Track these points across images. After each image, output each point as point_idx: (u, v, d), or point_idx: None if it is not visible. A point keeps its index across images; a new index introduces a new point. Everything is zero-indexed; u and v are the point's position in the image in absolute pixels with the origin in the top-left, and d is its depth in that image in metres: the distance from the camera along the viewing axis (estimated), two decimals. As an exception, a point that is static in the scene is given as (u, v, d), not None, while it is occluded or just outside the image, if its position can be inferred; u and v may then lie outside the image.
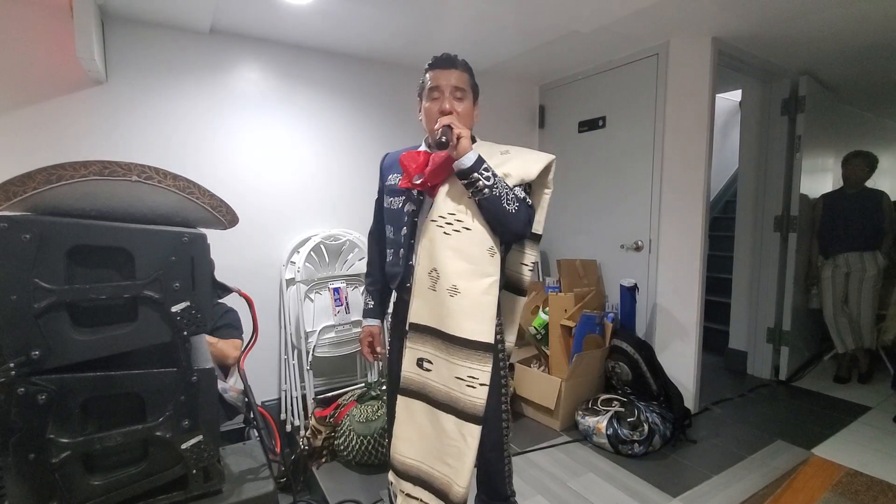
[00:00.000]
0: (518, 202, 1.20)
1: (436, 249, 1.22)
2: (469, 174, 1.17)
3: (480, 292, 1.21)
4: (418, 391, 1.28)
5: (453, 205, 1.24)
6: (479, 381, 1.19)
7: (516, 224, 1.20)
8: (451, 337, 1.21)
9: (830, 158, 3.64)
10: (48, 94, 1.98)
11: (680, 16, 2.30)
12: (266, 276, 2.51)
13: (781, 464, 2.19)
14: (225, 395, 1.54)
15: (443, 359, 1.24)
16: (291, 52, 2.52)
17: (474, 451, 1.20)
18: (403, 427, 1.31)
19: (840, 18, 2.31)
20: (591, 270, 2.99)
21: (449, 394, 1.23)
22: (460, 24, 2.33)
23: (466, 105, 1.31)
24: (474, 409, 1.19)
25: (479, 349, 1.19)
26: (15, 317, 0.80)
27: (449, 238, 1.22)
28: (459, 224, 1.22)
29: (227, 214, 1.04)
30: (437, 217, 1.24)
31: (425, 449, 1.27)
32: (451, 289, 1.20)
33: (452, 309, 1.20)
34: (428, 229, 1.25)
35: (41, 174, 0.84)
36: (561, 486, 2.03)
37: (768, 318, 3.29)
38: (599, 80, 3.05)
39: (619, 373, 2.60)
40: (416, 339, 1.28)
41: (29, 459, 0.82)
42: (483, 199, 1.17)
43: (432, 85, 1.30)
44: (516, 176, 1.25)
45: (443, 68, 1.30)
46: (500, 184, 1.18)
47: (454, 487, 1.21)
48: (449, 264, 1.21)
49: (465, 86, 1.31)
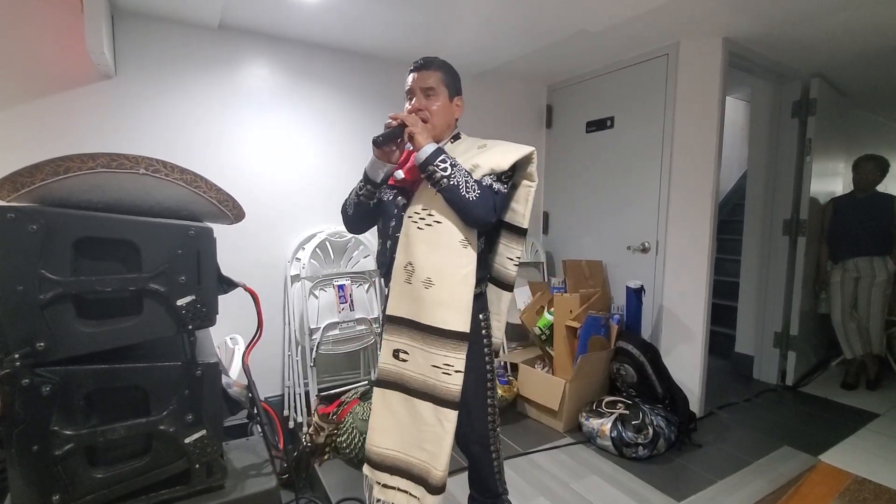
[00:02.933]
0: (479, 189, 1.22)
1: (411, 244, 1.27)
2: (426, 166, 1.21)
3: (455, 283, 1.24)
4: (395, 382, 1.31)
5: (427, 201, 1.28)
6: (454, 367, 1.23)
7: (476, 211, 1.21)
8: (426, 327, 1.25)
9: (840, 162, 3.61)
10: (57, 88, 1.99)
11: (691, 16, 2.28)
12: (271, 272, 2.51)
13: (788, 470, 2.16)
14: (229, 389, 1.54)
15: (419, 348, 1.27)
16: (301, 48, 2.52)
17: (451, 434, 1.23)
18: (379, 418, 1.34)
19: (853, 21, 2.28)
20: (597, 271, 2.97)
21: (426, 382, 1.26)
22: (470, 22, 2.31)
23: (440, 102, 1.35)
24: (450, 394, 1.23)
25: (454, 338, 1.23)
26: (20, 308, 0.79)
27: (422, 232, 1.26)
28: (431, 219, 1.26)
29: (233, 209, 1.04)
30: (412, 213, 1.29)
31: (402, 438, 1.30)
32: (426, 281, 1.24)
33: (427, 300, 1.24)
34: (405, 225, 1.29)
35: (49, 166, 0.84)
36: (564, 487, 2.01)
37: (776, 323, 3.26)
38: (608, 81, 3.03)
39: (624, 375, 2.58)
40: (393, 330, 1.31)
41: (32, 451, 0.81)
42: (441, 189, 1.21)
43: (407, 88, 1.38)
44: (485, 166, 1.26)
45: (416, 71, 1.37)
46: (458, 173, 1.21)
47: (433, 472, 1.23)
48: (423, 258, 1.25)
49: (435, 84, 1.35)
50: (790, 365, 3.21)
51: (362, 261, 2.67)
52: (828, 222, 3.24)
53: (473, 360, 1.28)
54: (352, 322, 2.55)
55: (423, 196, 1.29)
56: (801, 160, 3.10)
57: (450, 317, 1.23)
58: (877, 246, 3.07)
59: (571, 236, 3.31)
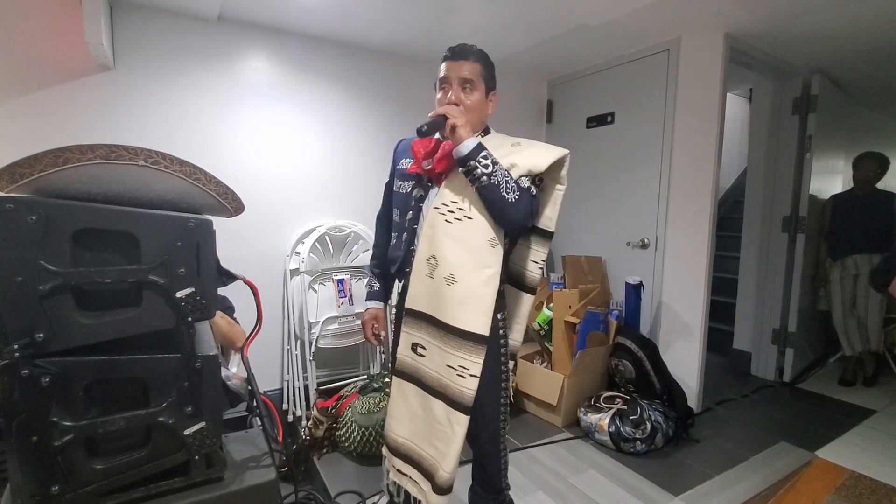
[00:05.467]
0: (519, 191, 1.18)
1: (436, 236, 1.23)
2: (466, 161, 1.17)
3: (478, 283, 1.21)
4: (412, 374, 1.31)
5: (457, 193, 1.24)
6: (469, 371, 1.20)
7: (515, 213, 1.18)
8: (445, 325, 1.22)
9: (841, 159, 3.61)
10: (56, 79, 1.98)
11: (692, 11, 2.27)
12: (270, 265, 2.51)
13: (784, 465, 2.17)
14: (228, 382, 1.55)
15: (436, 346, 1.25)
16: (300, 42, 2.51)
17: (461, 438, 1.21)
18: (396, 407, 1.34)
19: (856, 16, 2.27)
20: (596, 267, 2.97)
21: (440, 380, 1.24)
22: (470, 16, 2.30)
23: (476, 96, 1.30)
24: (463, 398, 1.20)
25: (472, 340, 1.20)
26: (20, 298, 0.79)
27: (450, 226, 1.22)
28: (461, 213, 1.22)
29: (232, 202, 1.03)
30: (440, 204, 1.25)
31: (415, 430, 1.30)
32: (449, 277, 1.20)
33: (448, 298, 1.21)
34: (430, 216, 1.25)
35: (48, 157, 0.83)
36: (562, 482, 2.02)
37: (774, 319, 3.26)
38: (609, 76, 3.02)
39: (623, 370, 2.58)
40: (412, 324, 1.30)
41: (32, 442, 0.81)
42: (481, 186, 1.17)
43: (442, 76, 1.30)
44: (523, 167, 1.23)
45: (453, 59, 1.29)
46: (500, 172, 1.17)
47: (439, 472, 1.23)
48: (448, 252, 1.21)
49: (474, 77, 1.29)
50: (788, 361, 3.22)
51: (362, 255, 2.67)
52: (827, 219, 3.25)
53: (489, 361, 1.26)
54: (351, 316, 2.55)
55: (454, 188, 1.25)
56: (801, 157, 3.10)
57: (470, 318, 1.20)
58: (876, 243, 3.07)
59: (571, 232, 3.31)
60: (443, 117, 1.19)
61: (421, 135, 1.20)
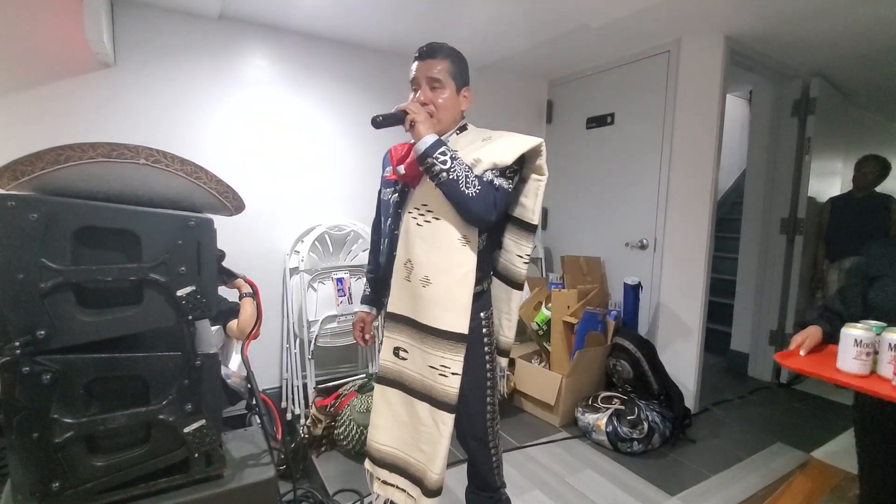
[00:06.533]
0: (480, 186, 1.16)
1: (410, 241, 1.24)
2: (424, 158, 1.16)
3: (453, 283, 1.21)
4: (394, 379, 1.31)
5: (426, 196, 1.24)
6: (450, 370, 1.20)
7: (475, 207, 1.16)
8: (424, 326, 1.23)
9: (839, 162, 3.61)
10: (57, 76, 1.98)
11: (692, 12, 2.28)
12: (270, 264, 2.52)
13: (780, 466, 2.18)
14: (228, 380, 1.55)
15: (417, 347, 1.25)
16: (301, 40, 2.51)
17: (447, 438, 1.22)
18: (380, 415, 1.33)
19: (856, 20, 2.27)
20: (595, 267, 2.98)
21: (423, 382, 1.25)
22: (472, 16, 2.30)
23: (446, 94, 1.28)
24: (447, 397, 1.21)
25: (451, 339, 1.20)
26: (21, 296, 0.79)
27: (421, 229, 1.23)
28: (430, 215, 1.22)
29: (233, 200, 1.04)
30: (412, 209, 1.25)
31: (401, 437, 1.30)
32: (424, 279, 1.21)
33: (425, 299, 1.22)
34: (405, 220, 1.26)
35: (49, 154, 0.84)
36: (559, 481, 2.03)
37: (771, 321, 3.27)
38: (609, 77, 3.02)
39: (621, 371, 2.59)
40: (393, 328, 1.30)
41: (32, 438, 0.82)
42: (440, 183, 1.16)
43: (411, 77, 1.32)
44: (487, 161, 1.20)
45: (422, 59, 1.29)
46: (458, 167, 1.15)
47: (429, 474, 1.23)
48: (421, 255, 1.22)
49: (442, 76, 1.27)
50: (785, 363, 3.23)
51: (361, 254, 2.67)
52: (825, 221, 3.26)
53: (472, 360, 1.27)
54: (350, 315, 2.55)
55: (423, 192, 1.25)
56: (800, 159, 3.11)
57: (447, 317, 1.20)
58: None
59: (570, 232, 3.32)
60: (403, 112, 1.20)
61: (376, 125, 1.20)
